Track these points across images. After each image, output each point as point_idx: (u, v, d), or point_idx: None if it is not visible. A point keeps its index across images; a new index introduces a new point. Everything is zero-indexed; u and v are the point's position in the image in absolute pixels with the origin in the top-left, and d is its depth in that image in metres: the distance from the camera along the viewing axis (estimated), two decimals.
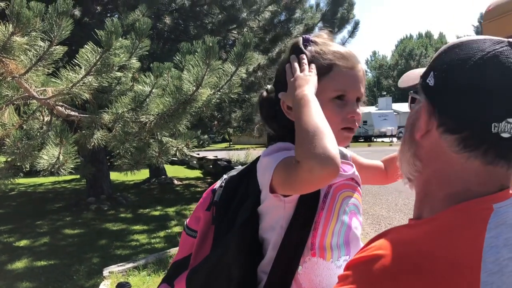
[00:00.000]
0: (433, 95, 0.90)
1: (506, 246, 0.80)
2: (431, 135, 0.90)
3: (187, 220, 1.41)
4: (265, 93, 1.34)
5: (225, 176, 1.39)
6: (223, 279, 1.21)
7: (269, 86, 1.34)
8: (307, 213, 1.17)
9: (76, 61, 3.24)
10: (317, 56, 1.24)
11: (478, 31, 54.46)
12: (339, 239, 1.20)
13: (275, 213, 1.19)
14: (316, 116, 1.08)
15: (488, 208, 0.84)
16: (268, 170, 1.15)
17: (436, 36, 76.53)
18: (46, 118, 3.73)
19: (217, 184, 1.38)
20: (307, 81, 1.18)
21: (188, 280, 1.26)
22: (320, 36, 1.30)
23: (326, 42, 1.27)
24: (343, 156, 1.40)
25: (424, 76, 0.94)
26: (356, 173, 1.33)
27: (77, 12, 7.50)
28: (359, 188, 1.32)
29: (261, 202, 1.21)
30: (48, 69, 3.21)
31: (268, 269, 1.19)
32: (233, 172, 1.38)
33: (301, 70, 1.21)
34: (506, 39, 0.89)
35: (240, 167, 1.39)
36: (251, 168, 1.29)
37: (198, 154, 22.40)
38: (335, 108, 1.21)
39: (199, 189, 13.40)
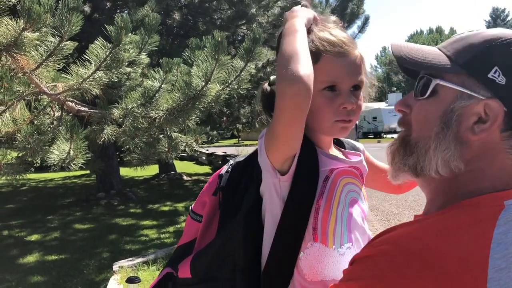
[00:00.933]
0: (504, 95, 0.84)
1: None
2: (488, 135, 0.86)
3: (193, 205, 1.41)
4: (266, 84, 1.33)
5: (231, 162, 1.38)
6: (227, 264, 1.20)
7: (272, 78, 1.32)
8: (304, 193, 1.15)
9: (86, 57, 3.25)
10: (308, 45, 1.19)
11: (489, 26, 53.80)
12: (342, 226, 1.18)
13: (272, 192, 1.18)
14: (293, 42, 1.08)
15: (499, 204, 0.83)
16: (261, 145, 1.16)
17: (447, 32, 75.83)
18: (57, 114, 3.75)
19: (223, 169, 1.37)
20: (299, 13, 1.18)
21: (192, 264, 1.26)
22: (323, 19, 1.26)
23: (324, 27, 1.22)
24: (353, 147, 1.40)
25: (476, 67, 0.86)
26: (364, 163, 1.32)
27: (87, 8, 7.54)
28: (362, 179, 1.31)
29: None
30: (59, 65, 3.22)
31: (267, 251, 1.18)
32: (239, 158, 1.38)
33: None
34: None
35: (246, 154, 1.39)
36: (256, 153, 1.28)
37: (207, 150, 22.46)
38: (325, 100, 1.16)
39: None
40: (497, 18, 53.07)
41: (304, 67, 1.03)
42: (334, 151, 1.30)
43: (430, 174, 0.92)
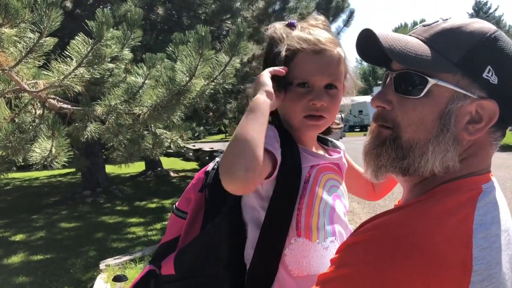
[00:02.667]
0: (498, 94, 0.85)
1: (494, 223, 0.83)
2: (481, 133, 0.88)
3: (177, 202, 1.39)
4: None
5: (217, 159, 1.37)
6: (211, 260, 1.20)
7: None
8: (287, 192, 1.15)
9: (68, 53, 3.19)
10: (285, 43, 1.19)
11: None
12: (325, 220, 1.19)
13: (254, 192, 1.18)
14: (249, 128, 1.01)
15: (477, 188, 0.86)
16: None
17: None
18: (38, 111, 3.68)
19: (210, 166, 1.36)
20: (263, 84, 1.10)
21: (176, 260, 1.25)
22: (307, 21, 1.25)
23: (307, 26, 1.22)
24: (334, 145, 1.40)
25: (471, 67, 0.85)
26: (344, 160, 1.33)
27: (68, 4, 7.42)
28: (341, 174, 1.32)
29: None
30: (39, 61, 3.15)
31: (252, 251, 1.18)
32: None
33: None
34: None
35: None
36: None
37: (194, 145, 22.36)
38: (296, 96, 1.17)
39: None
40: (479, 11, 53.62)
41: (248, 165, 0.95)
42: (317, 148, 1.31)
43: (423, 175, 0.91)
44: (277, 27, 1.23)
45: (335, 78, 1.18)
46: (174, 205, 1.40)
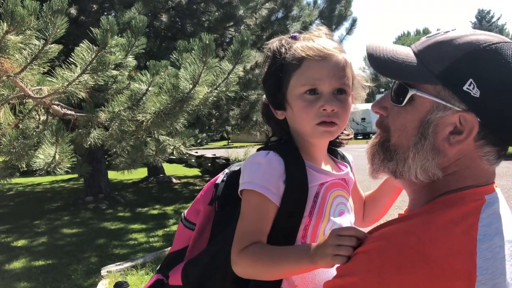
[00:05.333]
0: (478, 107, 0.86)
1: (497, 234, 0.84)
2: (463, 146, 0.89)
3: (185, 212, 1.39)
4: (264, 97, 1.33)
5: (226, 171, 1.37)
6: (219, 274, 1.20)
7: None
8: (293, 211, 1.15)
9: (72, 60, 3.21)
10: (289, 53, 1.18)
11: (475, 28, 54.30)
12: None
13: None
14: (277, 263, 1.07)
15: (481, 199, 0.87)
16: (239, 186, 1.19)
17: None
18: (42, 117, 3.71)
19: (219, 178, 1.36)
20: (327, 253, 0.97)
21: (184, 271, 1.26)
22: (310, 32, 1.25)
23: (310, 37, 1.22)
24: (342, 157, 1.39)
25: (451, 79, 0.87)
26: (351, 175, 1.32)
27: (73, 11, 7.47)
28: (348, 188, 1.31)
29: None
30: (44, 68, 3.18)
31: None
32: (234, 167, 1.36)
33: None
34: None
35: (242, 162, 1.38)
36: None
37: (197, 152, 22.39)
38: (305, 104, 1.15)
39: (197, 187, 13.36)
40: (482, 20, 53.71)
41: (258, 278, 1.11)
42: (326, 161, 1.29)
43: (410, 178, 0.95)
44: (280, 40, 1.23)
45: (343, 83, 1.17)
46: (183, 214, 1.40)
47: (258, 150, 1.23)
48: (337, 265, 0.94)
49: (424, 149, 0.90)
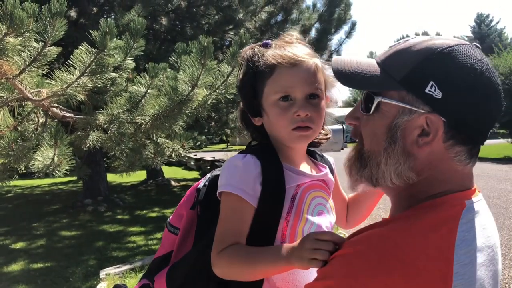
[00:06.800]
0: (442, 108, 0.88)
1: (476, 239, 0.85)
2: (432, 147, 0.90)
3: (170, 217, 1.42)
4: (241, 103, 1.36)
5: (209, 175, 1.40)
6: (203, 276, 1.21)
7: None
8: (270, 212, 1.17)
9: (71, 62, 3.22)
10: (262, 61, 1.21)
11: (474, 31, 54.81)
12: None
13: None
14: (253, 263, 1.08)
15: (461, 204, 0.89)
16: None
17: None
18: (41, 120, 3.70)
19: (201, 183, 1.38)
20: (304, 256, 0.97)
21: (168, 275, 1.28)
22: (281, 38, 1.28)
23: (281, 44, 1.24)
24: (323, 159, 1.41)
25: (413, 83, 0.89)
26: (330, 176, 1.34)
27: (73, 13, 7.48)
28: (328, 190, 1.33)
29: None
30: (43, 70, 3.18)
31: None
32: (216, 171, 1.39)
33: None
34: (469, 43, 0.92)
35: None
36: None
37: (196, 155, 22.38)
38: (280, 110, 1.18)
39: None
40: (481, 23, 53.81)
41: (237, 278, 1.11)
42: (305, 163, 1.31)
43: (386, 184, 0.97)
44: (252, 48, 1.26)
45: (315, 88, 1.19)
46: (168, 220, 1.42)
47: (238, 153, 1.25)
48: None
49: (395, 153, 0.93)
